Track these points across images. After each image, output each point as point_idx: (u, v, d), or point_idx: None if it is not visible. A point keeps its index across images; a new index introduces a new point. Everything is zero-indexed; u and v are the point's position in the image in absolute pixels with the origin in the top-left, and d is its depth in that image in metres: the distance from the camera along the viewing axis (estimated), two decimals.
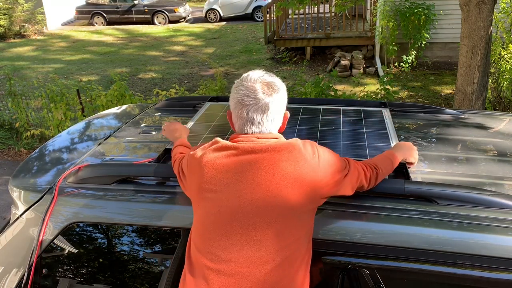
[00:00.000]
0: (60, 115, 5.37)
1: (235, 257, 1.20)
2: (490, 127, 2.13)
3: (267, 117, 1.31)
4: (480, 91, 4.65)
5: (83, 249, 1.61)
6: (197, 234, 1.28)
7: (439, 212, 1.38)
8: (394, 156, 1.54)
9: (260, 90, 1.30)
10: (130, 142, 2.05)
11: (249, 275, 1.19)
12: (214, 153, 1.28)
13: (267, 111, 1.30)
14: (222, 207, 1.23)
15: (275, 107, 1.31)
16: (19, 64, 11.33)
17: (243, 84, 1.32)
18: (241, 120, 1.31)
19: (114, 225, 1.59)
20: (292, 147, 1.26)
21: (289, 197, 1.21)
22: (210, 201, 1.25)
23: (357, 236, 1.37)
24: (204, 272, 1.22)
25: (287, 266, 1.20)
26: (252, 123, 1.30)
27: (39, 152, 2.09)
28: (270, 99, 1.30)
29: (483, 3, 4.33)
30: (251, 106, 1.29)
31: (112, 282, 1.60)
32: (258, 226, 1.21)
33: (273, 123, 1.33)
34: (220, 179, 1.25)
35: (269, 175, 1.22)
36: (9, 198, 1.79)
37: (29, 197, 1.68)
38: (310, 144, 1.30)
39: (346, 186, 1.33)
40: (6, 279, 1.61)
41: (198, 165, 1.29)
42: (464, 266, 1.30)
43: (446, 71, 8.70)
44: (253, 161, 1.24)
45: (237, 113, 1.32)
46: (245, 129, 1.31)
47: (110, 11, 16.50)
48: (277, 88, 1.33)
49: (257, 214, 1.21)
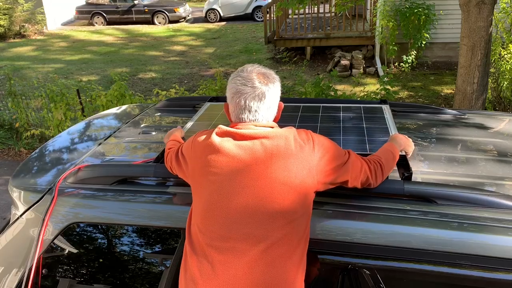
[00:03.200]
0: (60, 115, 5.37)
1: (233, 234, 1.25)
2: (490, 127, 2.13)
3: (264, 105, 1.36)
4: (480, 91, 4.65)
5: (83, 249, 1.61)
6: (197, 213, 1.33)
7: (438, 212, 1.38)
8: (393, 147, 1.58)
9: (256, 79, 1.36)
10: (130, 142, 2.05)
11: (247, 250, 1.23)
12: (217, 137, 1.34)
13: (264, 99, 1.36)
14: (223, 188, 1.29)
15: (270, 95, 1.37)
16: (19, 64, 11.33)
17: (239, 75, 1.38)
18: (239, 108, 1.36)
19: (114, 225, 1.59)
20: (288, 133, 1.33)
21: (288, 175, 1.27)
22: (212, 183, 1.30)
23: (357, 236, 1.37)
24: (205, 250, 1.27)
25: (285, 244, 1.24)
26: (249, 111, 1.36)
27: (39, 152, 2.09)
28: (266, 88, 1.36)
29: (483, 3, 4.33)
30: (248, 94, 1.34)
31: (112, 282, 1.61)
32: (257, 205, 1.25)
33: (269, 111, 1.38)
34: (222, 162, 1.30)
35: (267, 159, 1.28)
36: (9, 198, 1.79)
37: (29, 197, 1.68)
38: (304, 131, 1.37)
39: (346, 174, 1.36)
40: (6, 279, 1.61)
41: (203, 148, 1.35)
42: (464, 266, 1.30)
43: (446, 71, 8.70)
44: (251, 146, 1.30)
45: (234, 102, 1.37)
46: (242, 117, 1.37)
47: (110, 11, 16.50)
48: (272, 78, 1.40)
49: (256, 194, 1.26)
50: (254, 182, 1.27)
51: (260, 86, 1.35)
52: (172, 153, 1.55)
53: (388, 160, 1.49)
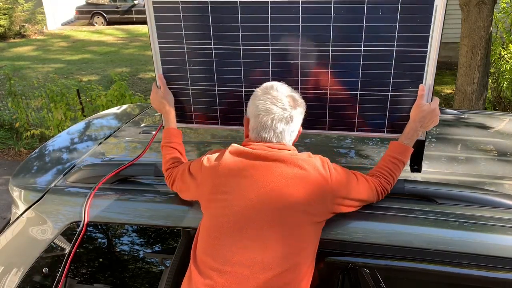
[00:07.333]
0: (60, 115, 5.37)
1: (239, 259, 1.21)
2: (490, 127, 2.13)
3: (289, 128, 1.34)
4: (480, 91, 4.65)
5: (83, 248, 1.61)
6: (203, 235, 1.29)
7: (439, 211, 1.38)
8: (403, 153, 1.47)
9: (287, 101, 1.33)
10: (130, 142, 2.05)
11: (251, 278, 1.19)
12: (230, 156, 1.31)
13: (290, 123, 1.33)
14: (230, 209, 1.25)
15: (297, 120, 1.35)
16: (19, 64, 11.33)
17: (269, 93, 1.34)
18: (262, 127, 1.33)
19: (115, 224, 1.59)
20: (305, 159, 1.29)
21: (302, 202, 1.23)
22: (219, 203, 1.27)
23: (357, 235, 1.37)
24: (209, 273, 1.23)
25: (290, 275, 1.21)
26: (273, 131, 1.32)
27: (39, 152, 2.09)
28: (295, 112, 1.34)
29: (483, 3, 4.33)
30: (276, 115, 1.31)
31: (112, 282, 1.61)
32: (265, 230, 1.22)
33: (292, 134, 1.36)
34: (233, 184, 1.27)
35: (281, 184, 1.24)
36: (9, 198, 1.80)
37: (30, 196, 1.68)
38: (321, 159, 1.32)
39: (356, 201, 1.35)
40: (6, 279, 1.61)
41: (214, 169, 1.31)
42: (464, 266, 1.30)
43: (446, 71, 8.70)
44: (264, 167, 1.27)
45: (259, 120, 1.33)
46: (265, 137, 1.33)
47: (110, 11, 16.51)
48: (300, 103, 1.37)
49: (267, 220, 1.22)
50: (266, 207, 1.23)
51: (289, 109, 1.32)
52: (178, 173, 1.48)
53: (394, 172, 1.44)
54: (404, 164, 1.47)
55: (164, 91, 1.69)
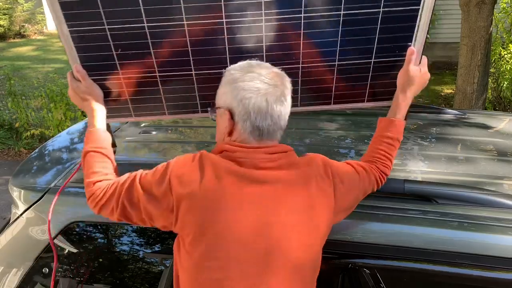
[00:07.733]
0: (60, 115, 5.37)
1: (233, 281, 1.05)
2: (490, 127, 2.13)
3: (284, 111, 1.12)
4: (480, 91, 4.65)
5: (83, 248, 1.61)
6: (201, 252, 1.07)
7: (439, 211, 1.38)
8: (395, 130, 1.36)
9: (277, 78, 1.12)
10: (130, 142, 2.05)
11: None
12: (214, 179, 1.05)
13: (285, 103, 1.11)
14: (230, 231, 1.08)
15: (289, 99, 1.14)
16: (19, 64, 11.33)
17: (253, 71, 1.10)
18: (257, 112, 1.08)
19: (114, 224, 1.59)
20: (310, 160, 1.17)
21: (307, 217, 1.11)
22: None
23: (357, 235, 1.37)
24: None
25: None
26: (271, 117, 1.09)
27: (39, 152, 2.09)
28: (287, 91, 1.13)
29: (483, 3, 4.33)
30: (270, 94, 1.08)
31: (112, 281, 1.60)
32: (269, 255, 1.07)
33: (284, 125, 1.15)
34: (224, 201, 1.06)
35: (280, 201, 1.09)
36: (9, 198, 1.80)
37: (29, 196, 1.68)
38: (323, 163, 1.20)
39: (359, 195, 1.28)
40: (6, 279, 1.61)
41: (192, 197, 1.05)
42: (464, 266, 1.30)
43: (446, 71, 8.70)
44: (269, 195, 1.08)
45: (250, 104, 1.08)
46: (262, 126, 1.09)
47: None
48: (287, 78, 1.16)
49: (268, 242, 1.07)
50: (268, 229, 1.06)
51: (281, 87, 1.11)
52: (117, 191, 1.16)
53: (390, 152, 1.36)
54: (399, 141, 1.36)
55: (86, 85, 1.37)
